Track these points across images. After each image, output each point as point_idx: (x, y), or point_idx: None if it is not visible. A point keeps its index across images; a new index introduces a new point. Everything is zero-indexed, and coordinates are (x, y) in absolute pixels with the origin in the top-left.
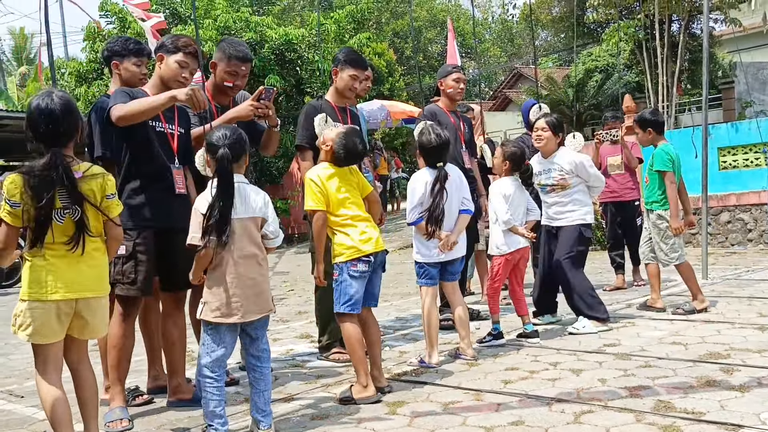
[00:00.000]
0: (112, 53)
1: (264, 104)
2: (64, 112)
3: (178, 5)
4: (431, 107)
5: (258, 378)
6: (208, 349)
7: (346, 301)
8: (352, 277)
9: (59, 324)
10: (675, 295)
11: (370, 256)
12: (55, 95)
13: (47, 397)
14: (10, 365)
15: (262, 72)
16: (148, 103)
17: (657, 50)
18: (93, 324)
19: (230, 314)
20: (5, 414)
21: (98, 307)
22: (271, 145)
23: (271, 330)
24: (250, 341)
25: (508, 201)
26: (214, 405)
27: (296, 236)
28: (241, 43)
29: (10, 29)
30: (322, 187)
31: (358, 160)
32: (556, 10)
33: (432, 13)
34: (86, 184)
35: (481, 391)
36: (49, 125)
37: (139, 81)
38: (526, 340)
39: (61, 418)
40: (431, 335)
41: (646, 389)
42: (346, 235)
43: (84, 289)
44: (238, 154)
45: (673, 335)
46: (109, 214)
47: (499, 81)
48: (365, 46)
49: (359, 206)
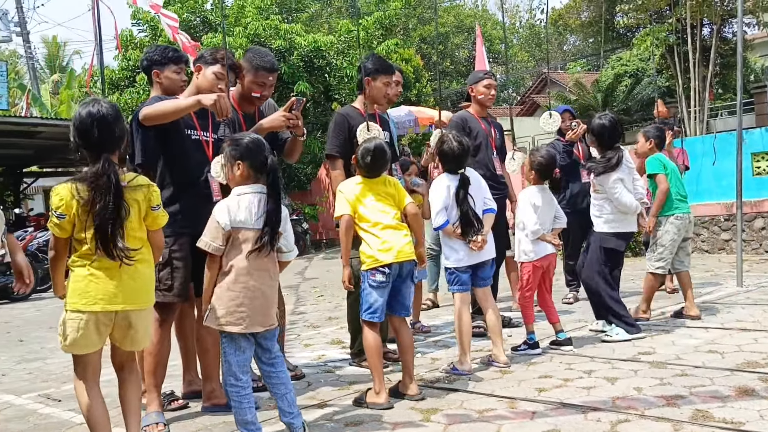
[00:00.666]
0: (152, 62)
1: (295, 114)
2: (116, 118)
3: (209, 13)
4: (462, 113)
5: (276, 383)
6: (228, 357)
7: (367, 309)
8: (371, 286)
9: (98, 335)
10: (710, 302)
11: (387, 267)
12: (103, 102)
13: (85, 401)
14: (47, 369)
15: (291, 79)
16: (174, 104)
17: (689, 54)
18: (133, 337)
19: (235, 323)
20: (43, 418)
21: (139, 320)
22: (295, 153)
23: (302, 336)
24: (261, 351)
25: (537, 211)
26: (244, 412)
27: (324, 242)
28: (267, 53)
29: (43, 38)
30: (349, 194)
31: (383, 168)
32: (585, 14)
33: (459, 19)
34: (130, 194)
35: (516, 399)
36: (102, 131)
37: (180, 88)
38: (559, 348)
39: (97, 421)
40: (464, 342)
41: (683, 398)
42: (368, 244)
43: (124, 302)
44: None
45: (708, 344)
46: (155, 226)
47: (526, 86)
48: (393, 52)
49: (389, 216)
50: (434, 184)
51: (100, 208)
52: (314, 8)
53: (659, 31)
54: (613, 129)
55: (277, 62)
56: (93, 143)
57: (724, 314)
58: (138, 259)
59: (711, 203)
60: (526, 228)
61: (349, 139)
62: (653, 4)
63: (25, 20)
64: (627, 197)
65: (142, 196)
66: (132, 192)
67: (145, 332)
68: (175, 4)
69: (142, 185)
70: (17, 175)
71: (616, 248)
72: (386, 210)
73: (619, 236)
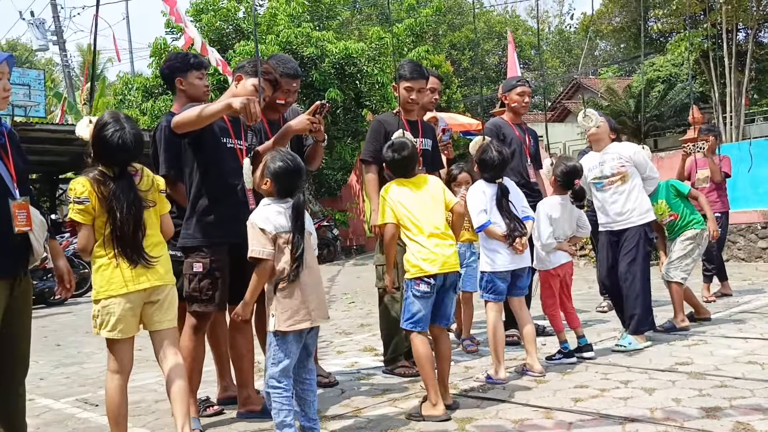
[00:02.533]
0: (174, 70)
1: (317, 119)
2: (137, 142)
3: (241, 21)
4: (495, 120)
5: (308, 389)
6: (274, 360)
7: (408, 318)
8: (415, 295)
9: (133, 317)
10: (749, 312)
11: (432, 278)
12: (128, 121)
13: (110, 392)
14: (84, 374)
15: (322, 86)
16: (203, 109)
17: (724, 59)
18: (160, 315)
19: (302, 321)
20: (81, 422)
21: (165, 296)
22: (316, 160)
23: (334, 343)
24: (306, 355)
25: (553, 222)
26: (284, 415)
27: (355, 248)
28: (290, 60)
29: (78, 46)
30: (392, 200)
31: (412, 163)
32: (617, 20)
33: (489, 25)
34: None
35: (552, 409)
36: (125, 156)
37: (203, 93)
38: (579, 354)
39: (115, 413)
40: (498, 351)
41: (723, 410)
42: (412, 252)
43: (149, 280)
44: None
45: (748, 354)
46: (164, 210)
47: (557, 92)
48: (423, 58)
49: (435, 221)
50: (471, 189)
51: (121, 222)
52: (345, 15)
53: (694, 36)
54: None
55: (300, 69)
56: (112, 162)
57: (763, 324)
58: (155, 243)
59: (748, 210)
60: (540, 239)
61: (384, 144)
62: (687, 9)
63: (61, 29)
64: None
65: (151, 183)
66: (148, 193)
67: (169, 309)
68: (208, 12)
69: (152, 184)
70: (53, 182)
71: (652, 238)
72: (432, 215)
73: (650, 226)
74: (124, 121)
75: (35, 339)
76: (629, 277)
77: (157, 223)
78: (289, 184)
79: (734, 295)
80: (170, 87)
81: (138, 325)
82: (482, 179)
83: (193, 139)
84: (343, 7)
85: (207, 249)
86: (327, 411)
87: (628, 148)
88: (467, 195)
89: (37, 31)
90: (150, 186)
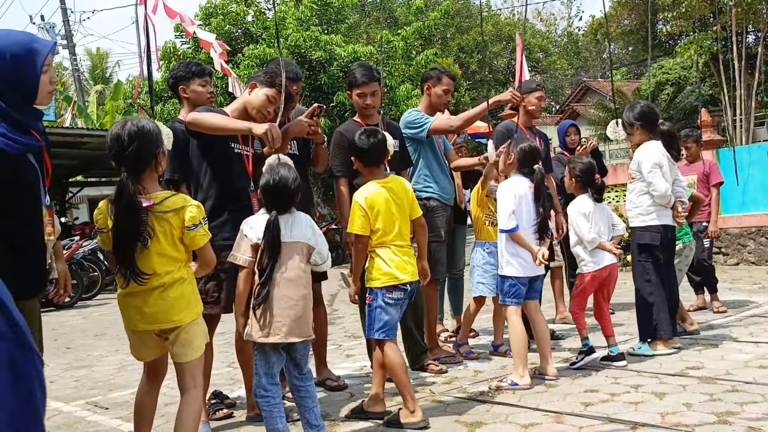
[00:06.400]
0: (178, 79)
1: (315, 121)
2: (133, 138)
3: (250, 25)
4: (507, 123)
5: (305, 397)
6: (259, 370)
7: (380, 328)
8: (387, 303)
9: (145, 348)
10: (759, 316)
11: (408, 285)
12: (130, 123)
13: (137, 394)
14: (94, 377)
15: (330, 90)
16: (226, 122)
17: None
18: (175, 349)
19: (272, 333)
20: (92, 425)
21: (177, 335)
22: (321, 161)
23: (343, 346)
24: (293, 366)
25: (589, 219)
26: (275, 422)
27: None
28: (290, 63)
29: (87, 50)
30: (368, 208)
31: (383, 152)
32: (626, 22)
33: (497, 28)
34: (157, 216)
35: (562, 413)
36: (119, 151)
37: (207, 100)
38: (611, 363)
39: (138, 415)
40: (522, 355)
41: (735, 415)
42: (383, 260)
43: (153, 322)
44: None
45: (759, 359)
46: (194, 246)
47: (565, 94)
48: (432, 62)
49: (403, 229)
50: (501, 188)
51: (115, 229)
52: (353, 19)
53: (704, 38)
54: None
55: (300, 72)
56: (117, 161)
57: None
58: (166, 281)
59: (758, 214)
60: (583, 239)
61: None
62: (697, 11)
63: (71, 33)
64: (662, 184)
65: (175, 218)
66: (159, 215)
67: (185, 346)
68: (217, 16)
69: (175, 209)
70: (63, 185)
71: (651, 242)
72: (403, 223)
73: (652, 229)
74: (130, 121)
75: (45, 342)
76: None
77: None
78: (271, 201)
79: (744, 299)
80: (176, 96)
81: (157, 352)
82: (518, 173)
83: (206, 142)
84: (352, 10)
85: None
86: (336, 414)
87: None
88: (498, 192)
89: (47, 34)
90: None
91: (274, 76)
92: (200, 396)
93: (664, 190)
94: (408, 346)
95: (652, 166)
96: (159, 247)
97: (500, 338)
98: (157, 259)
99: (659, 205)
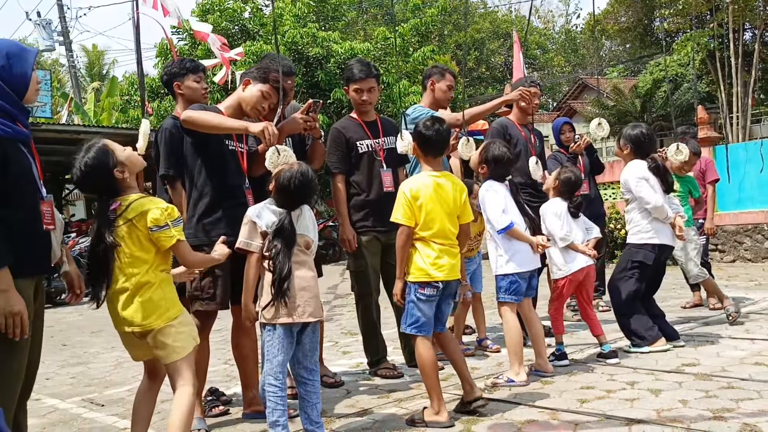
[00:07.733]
0: (172, 75)
1: (311, 117)
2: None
3: (247, 21)
4: (502, 120)
5: (310, 391)
6: (268, 355)
7: (412, 323)
8: (419, 299)
9: (134, 348)
10: (755, 312)
11: (440, 283)
12: (81, 155)
13: (137, 393)
14: (90, 374)
15: (328, 86)
16: (221, 121)
17: (731, 60)
18: (157, 353)
19: (288, 314)
20: (87, 422)
21: (153, 337)
22: (318, 157)
23: (340, 343)
24: (303, 354)
25: (562, 218)
26: (278, 414)
27: None
28: (283, 58)
29: (83, 46)
30: (414, 199)
31: (446, 142)
32: (623, 19)
33: (495, 24)
34: (121, 217)
35: (558, 410)
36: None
37: (201, 96)
38: (605, 360)
39: (134, 411)
40: (518, 352)
41: (730, 412)
42: (421, 255)
43: (128, 324)
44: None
45: (755, 355)
46: (163, 247)
47: (563, 91)
48: (429, 58)
49: (448, 227)
50: (483, 191)
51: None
52: (350, 15)
53: (700, 36)
54: (650, 139)
55: (293, 66)
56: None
57: None
58: (131, 284)
59: (754, 211)
60: (554, 237)
61: (347, 152)
62: (694, 8)
63: (67, 30)
64: (652, 195)
65: (141, 220)
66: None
67: (163, 345)
68: (213, 13)
69: (141, 211)
70: (59, 182)
71: (644, 261)
72: (446, 221)
73: (647, 248)
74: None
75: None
76: (613, 291)
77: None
78: (294, 195)
79: (740, 297)
80: (171, 92)
81: (146, 352)
82: (490, 179)
83: (200, 140)
84: (349, 7)
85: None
86: (332, 411)
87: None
88: (480, 196)
89: (43, 31)
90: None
91: (267, 71)
92: (190, 391)
93: (655, 201)
94: (404, 343)
95: (637, 181)
96: (125, 247)
97: (483, 333)
98: (124, 259)
99: (658, 223)
